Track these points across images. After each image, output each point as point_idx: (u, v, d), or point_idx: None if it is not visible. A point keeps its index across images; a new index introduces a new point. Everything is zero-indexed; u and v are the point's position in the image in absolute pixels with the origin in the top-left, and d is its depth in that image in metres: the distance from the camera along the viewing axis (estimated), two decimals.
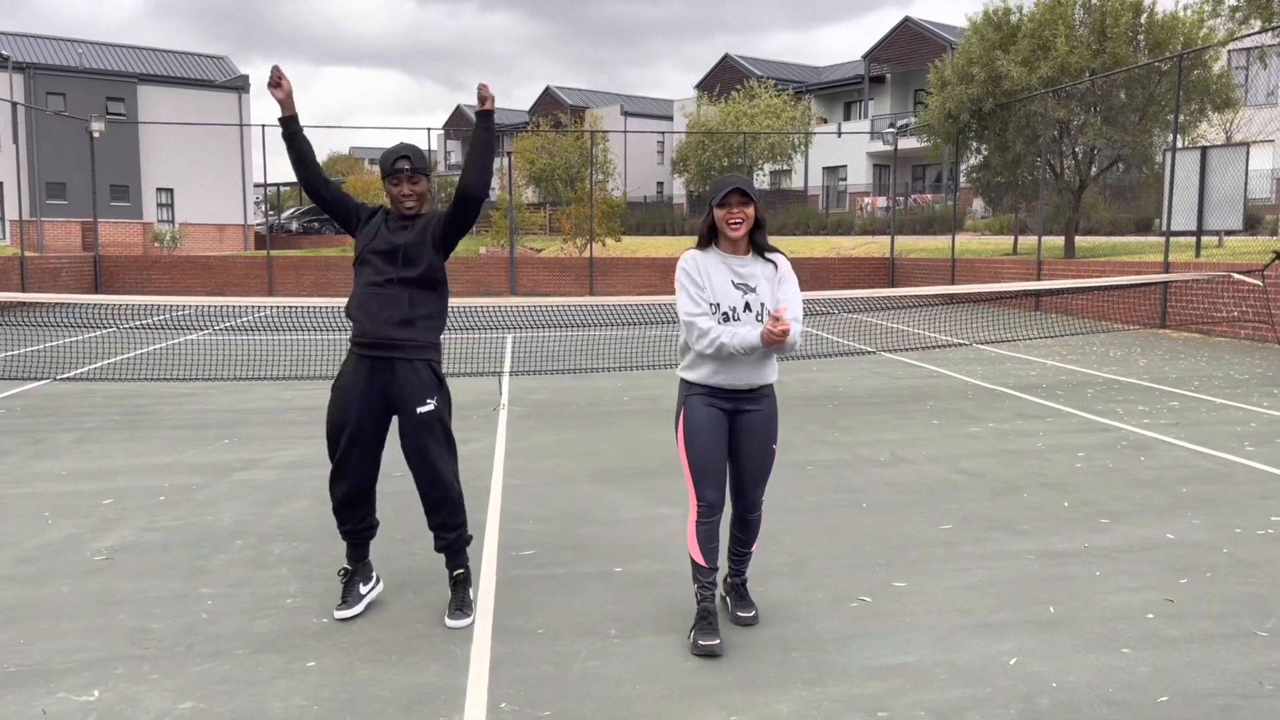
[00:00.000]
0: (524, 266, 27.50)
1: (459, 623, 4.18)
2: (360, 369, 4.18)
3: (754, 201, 3.97)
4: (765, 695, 3.58)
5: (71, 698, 3.52)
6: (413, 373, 4.18)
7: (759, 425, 4.11)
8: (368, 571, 4.41)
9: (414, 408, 4.17)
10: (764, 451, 4.13)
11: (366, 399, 4.16)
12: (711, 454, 4.03)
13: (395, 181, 4.18)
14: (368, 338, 4.14)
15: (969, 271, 23.73)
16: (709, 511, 4.06)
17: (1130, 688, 3.65)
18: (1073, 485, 6.57)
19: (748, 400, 4.08)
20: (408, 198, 4.19)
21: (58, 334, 16.07)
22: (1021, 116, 22.38)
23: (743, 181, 3.95)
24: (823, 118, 51.13)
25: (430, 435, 4.21)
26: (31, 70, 40.39)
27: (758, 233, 4.05)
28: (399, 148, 4.22)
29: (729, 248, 4.04)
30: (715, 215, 3.99)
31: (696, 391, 4.08)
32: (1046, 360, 13.10)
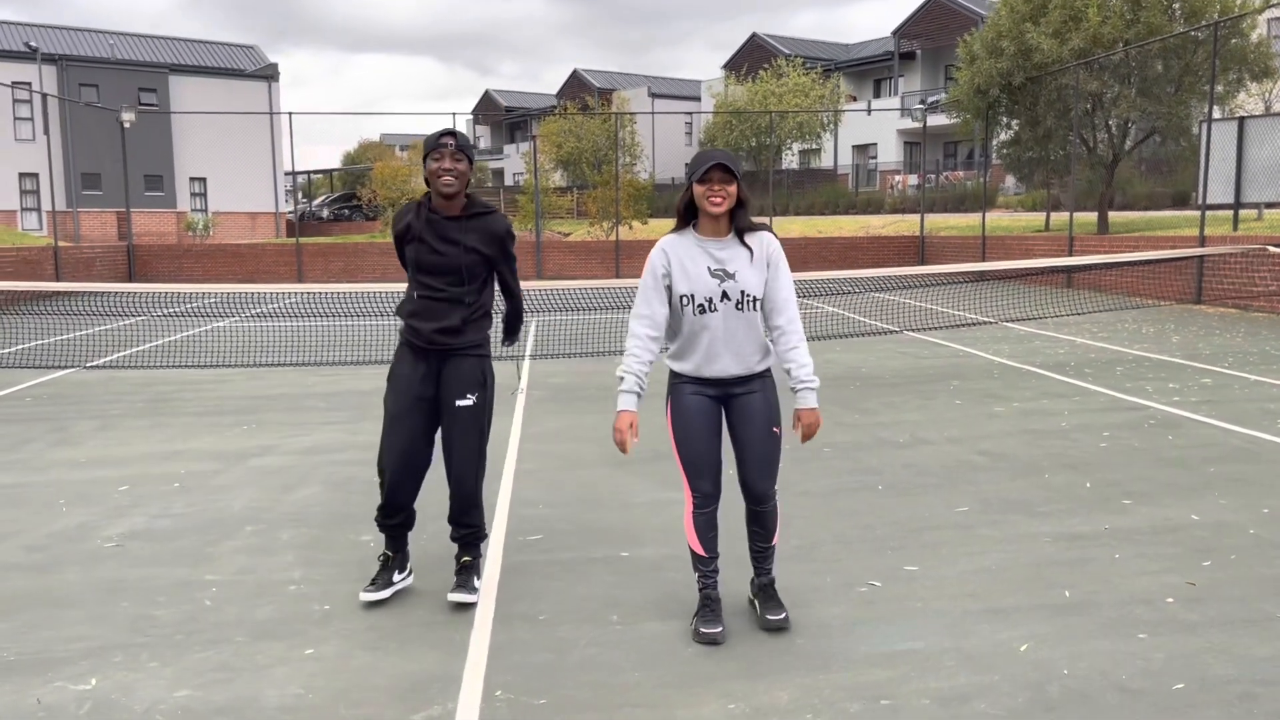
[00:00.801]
0: (550, 250, 27.46)
1: (463, 597, 4.13)
2: (415, 361, 4.20)
3: (737, 179, 3.76)
4: (765, 683, 3.50)
5: (68, 686, 3.51)
6: (460, 367, 4.18)
7: (757, 408, 3.91)
8: (404, 560, 4.38)
9: (454, 401, 4.15)
10: (766, 437, 3.92)
11: (414, 389, 4.17)
12: (704, 444, 3.89)
13: (438, 156, 4.05)
14: (421, 340, 4.16)
15: (1000, 249, 23.39)
16: (705, 502, 3.94)
17: (1145, 675, 3.54)
18: (1096, 465, 6.42)
19: (738, 384, 3.91)
20: (448, 173, 4.05)
21: (88, 322, 16.24)
22: (1052, 90, 21.96)
23: (726, 156, 3.75)
24: (852, 95, 50.57)
25: (464, 431, 4.18)
26: (64, 62, 40.80)
27: (740, 213, 3.84)
28: (445, 129, 4.18)
29: (709, 228, 3.83)
30: (695, 191, 3.78)
31: (683, 380, 3.94)
32: (1076, 338, 12.86)
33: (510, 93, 70.53)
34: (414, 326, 4.17)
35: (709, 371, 3.86)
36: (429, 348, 4.16)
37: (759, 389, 3.93)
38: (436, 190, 4.11)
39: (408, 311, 4.21)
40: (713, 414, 3.92)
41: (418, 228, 4.15)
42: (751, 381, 3.92)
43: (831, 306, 17.72)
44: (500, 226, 4.23)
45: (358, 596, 4.27)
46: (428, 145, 4.09)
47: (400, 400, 4.17)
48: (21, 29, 42.03)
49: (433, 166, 4.07)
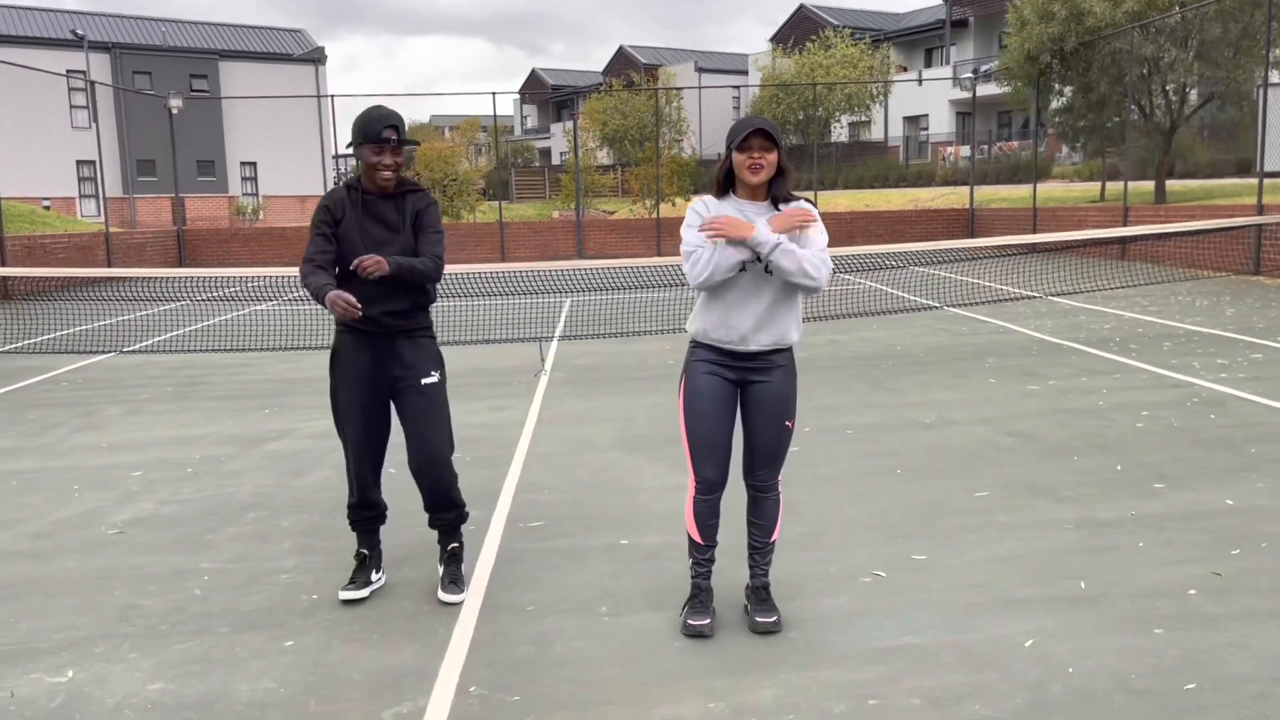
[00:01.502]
0: (592, 229, 27.32)
1: (453, 597, 4.04)
2: (361, 345, 4.00)
3: (778, 146, 3.61)
4: (749, 680, 3.36)
5: (44, 679, 3.48)
6: (419, 346, 4.05)
7: (770, 399, 3.73)
8: (378, 559, 4.28)
9: (419, 380, 4.01)
10: (775, 429, 3.75)
11: (370, 377, 4.00)
12: (713, 428, 3.73)
13: (378, 150, 3.88)
14: (369, 325, 3.95)
15: (1051, 221, 22.77)
16: (708, 489, 3.79)
17: (1156, 673, 3.33)
18: (1130, 447, 6.15)
19: (756, 370, 3.72)
20: (387, 168, 3.90)
21: (130, 308, 16.48)
22: (1106, 55, 21.24)
23: (766, 123, 3.58)
24: (902, 66, 49.55)
25: (433, 409, 4.05)
26: (117, 50, 41.45)
27: (779, 182, 3.68)
28: (385, 115, 3.92)
29: (747, 195, 3.69)
30: (734, 159, 3.63)
31: (700, 357, 3.78)
32: (1124, 312, 12.44)
33: (557, 71, 70.32)
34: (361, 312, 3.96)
35: (725, 336, 3.67)
36: (378, 331, 3.98)
37: (777, 378, 3.74)
38: (373, 183, 3.95)
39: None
40: (727, 397, 3.75)
41: (352, 211, 3.96)
42: (772, 369, 3.73)
43: (873, 282, 17.37)
44: (428, 200, 4.08)
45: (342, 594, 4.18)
46: (367, 133, 3.86)
47: (354, 390, 4.02)
48: (74, 17, 42.77)
49: (372, 160, 3.89)
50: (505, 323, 12.71)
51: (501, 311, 13.63)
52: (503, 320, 12.91)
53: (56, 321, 14.77)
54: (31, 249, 19.99)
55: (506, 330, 12.12)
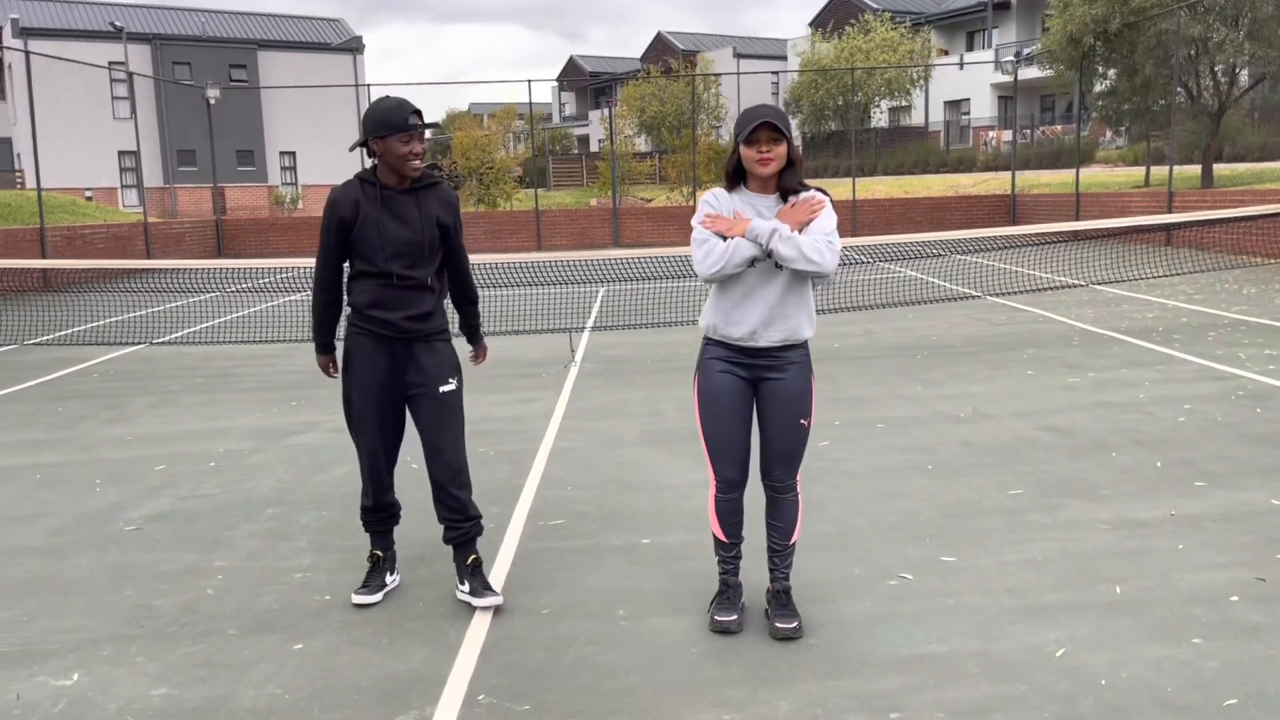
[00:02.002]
0: (629, 217, 27.18)
1: (490, 601, 3.89)
2: (378, 350, 3.87)
3: (786, 138, 3.50)
4: (767, 690, 3.24)
5: (49, 681, 3.44)
6: (437, 352, 3.92)
7: (784, 397, 3.62)
8: (393, 561, 4.18)
9: (437, 387, 3.88)
10: (790, 427, 3.63)
11: (385, 381, 3.88)
12: (729, 428, 3.64)
13: (406, 139, 3.73)
14: (389, 329, 3.85)
15: (1095, 206, 22.29)
16: (728, 488, 3.71)
17: (1194, 687, 3.16)
18: (1171, 442, 5.94)
19: (770, 367, 3.61)
20: (418, 156, 3.78)
21: (165, 299, 16.62)
22: (1151, 36, 20.71)
23: (774, 114, 3.46)
24: (943, 49, 48.82)
25: (450, 417, 3.92)
26: (158, 41, 41.89)
27: (789, 173, 3.57)
28: (403, 100, 3.79)
29: (757, 188, 3.59)
30: (742, 153, 3.53)
31: (713, 354, 3.68)
32: (1169, 300, 12.11)
33: (595, 58, 70.13)
34: (377, 316, 3.83)
35: (734, 331, 3.57)
36: (397, 336, 3.85)
37: (791, 374, 3.63)
38: (402, 173, 3.80)
39: (368, 301, 3.85)
40: (742, 396, 3.65)
41: (370, 208, 3.81)
42: (786, 366, 3.62)
43: (912, 270, 17.09)
44: (453, 195, 3.98)
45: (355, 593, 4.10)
46: (391, 124, 3.70)
47: (369, 395, 3.89)
48: (115, 9, 43.22)
49: (403, 150, 3.73)
50: (538, 313, 12.63)
51: (534, 301, 13.55)
52: (535, 310, 12.82)
53: (91, 312, 14.92)
54: (71, 239, 20.24)
55: (538, 320, 12.03)
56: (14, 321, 13.88)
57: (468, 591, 3.96)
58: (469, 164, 33.01)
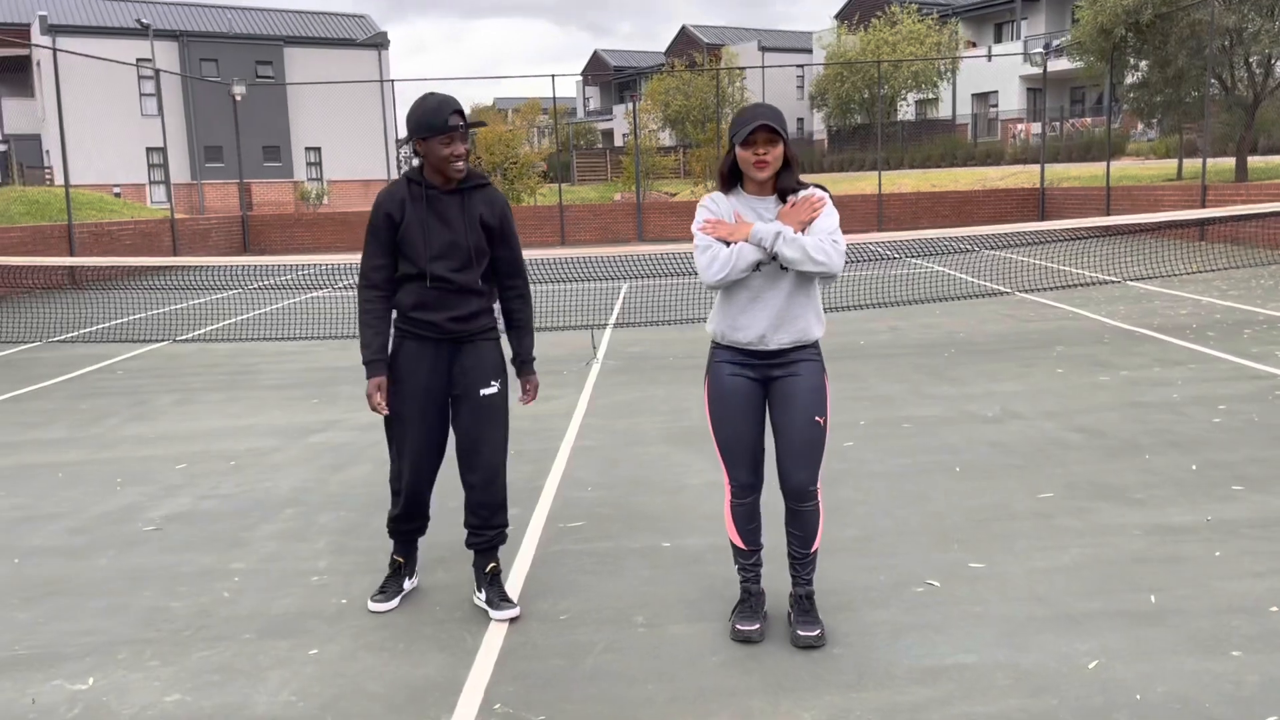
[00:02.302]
0: (653, 211, 27.09)
1: (508, 613, 3.82)
2: (422, 353, 3.78)
3: (783, 138, 3.40)
4: (789, 701, 3.16)
5: (65, 686, 3.41)
6: (480, 353, 3.82)
7: (796, 394, 3.53)
8: (413, 565, 4.11)
9: (478, 390, 3.80)
10: (805, 426, 3.53)
11: (430, 385, 3.79)
12: (740, 431, 3.57)
13: (448, 140, 3.62)
14: (434, 331, 3.76)
15: (1126, 200, 21.98)
16: (743, 492, 3.64)
17: (1232, 701, 3.05)
18: (1206, 444, 5.80)
19: (780, 365, 3.53)
20: (460, 158, 3.67)
21: (190, 295, 16.70)
22: (1184, 26, 20.37)
23: (770, 115, 3.37)
24: (971, 41, 48.34)
25: (491, 421, 3.83)
26: (185, 38, 42.13)
27: (786, 173, 3.48)
28: (447, 99, 3.62)
29: (755, 190, 3.51)
30: (738, 155, 3.43)
31: (722, 358, 3.61)
32: (1202, 296, 11.89)
33: (620, 52, 69.99)
34: (420, 318, 3.74)
35: (743, 337, 3.51)
36: (441, 337, 3.76)
37: (803, 372, 3.54)
38: (445, 174, 3.69)
39: (411, 303, 3.74)
40: (753, 397, 3.57)
41: (415, 209, 3.71)
42: (795, 363, 3.54)
43: (939, 266, 16.92)
44: (501, 197, 3.87)
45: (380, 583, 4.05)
46: (433, 126, 3.59)
47: (412, 400, 3.78)
48: (143, 6, 43.52)
49: (444, 152, 3.62)
50: (560, 309, 12.58)
51: (557, 298, 13.50)
52: (558, 306, 12.77)
53: (117, 309, 15.01)
54: (99, 236, 20.39)
55: (561, 317, 11.98)
56: (40, 318, 13.98)
57: (484, 600, 3.90)
58: (493, 159, 33.02)
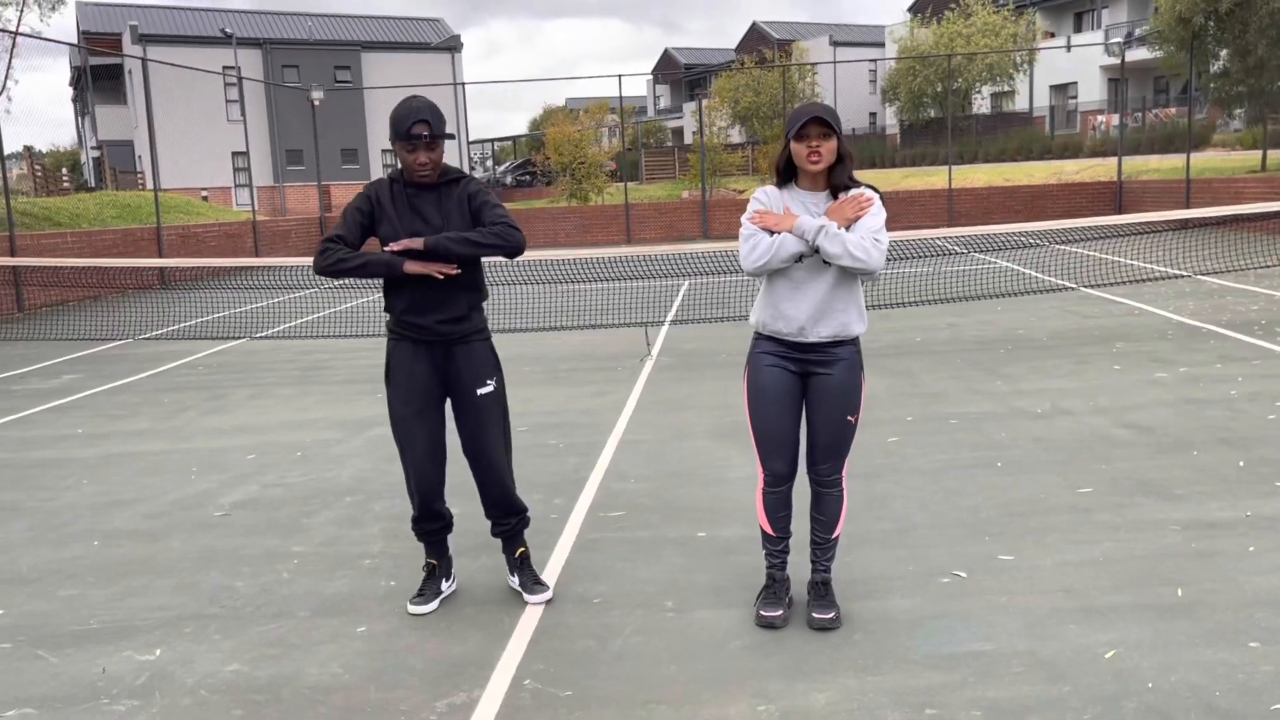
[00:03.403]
0: (719, 209, 27.16)
1: (541, 596, 4.02)
2: (418, 354, 3.94)
3: (836, 133, 3.53)
4: (805, 683, 3.29)
5: (134, 656, 3.69)
6: (472, 354, 3.96)
7: (831, 393, 3.65)
8: (449, 566, 4.21)
9: (474, 390, 3.95)
10: (837, 423, 3.67)
11: (427, 386, 3.95)
12: (777, 422, 3.70)
13: (411, 148, 3.75)
14: (424, 334, 3.91)
15: (1206, 192, 21.41)
16: (776, 481, 3.77)
17: (1243, 691, 3.10)
18: (1258, 441, 5.74)
19: (818, 362, 3.66)
20: (424, 167, 3.81)
21: (269, 294, 17.29)
22: (1265, 15, 19.77)
23: (824, 110, 3.50)
24: (1049, 32, 47.34)
25: (489, 420, 3.99)
26: (268, 45, 43.41)
27: (839, 169, 3.61)
28: (416, 108, 3.75)
29: (808, 184, 3.64)
30: (792, 149, 3.57)
31: (763, 349, 3.75)
32: (1276, 292, 11.60)
33: (690, 50, 70.03)
34: (412, 321, 3.90)
35: (784, 327, 3.64)
36: (434, 339, 3.91)
37: (839, 371, 3.66)
38: (412, 178, 3.85)
39: (402, 307, 3.88)
40: (791, 390, 3.71)
41: (390, 205, 3.86)
42: (834, 362, 3.66)
43: (1006, 261, 16.72)
44: (475, 184, 3.95)
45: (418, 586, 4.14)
46: (396, 133, 3.74)
47: (411, 401, 3.95)
48: (229, 16, 44.92)
49: (407, 159, 3.79)
50: (620, 307, 12.78)
51: (618, 295, 13.70)
52: (618, 304, 12.97)
53: (201, 308, 15.63)
54: (186, 238, 21.20)
55: (621, 315, 12.18)
56: (130, 316, 14.64)
57: (518, 584, 4.09)
58: (561, 160, 33.38)
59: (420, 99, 3.83)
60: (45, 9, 21.86)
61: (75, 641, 3.85)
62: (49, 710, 3.33)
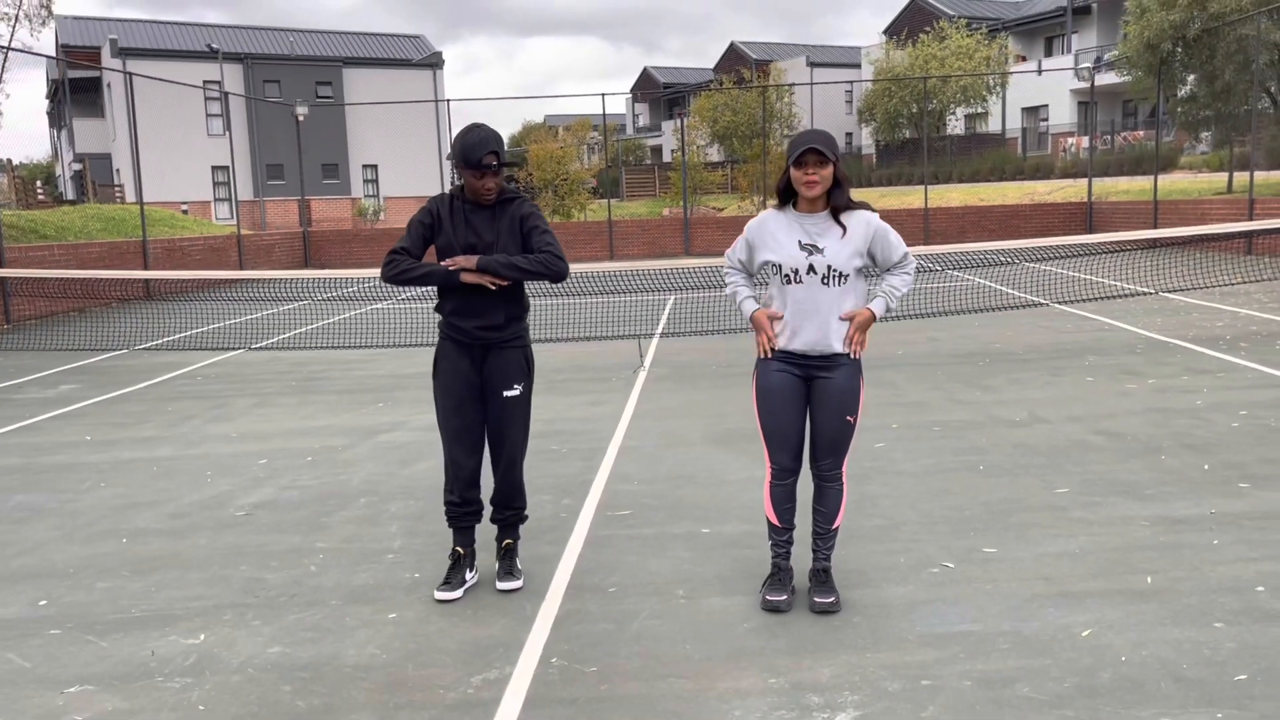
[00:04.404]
0: (700, 226, 27.56)
1: (511, 585, 4.34)
2: (460, 354, 4.31)
3: (833, 160, 3.86)
4: (810, 660, 3.58)
5: (180, 640, 3.94)
6: (505, 358, 4.31)
7: (832, 394, 3.98)
8: (472, 558, 4.48)
9: (502, 391, 4.31)
10: (838, 422, 3.99)
11: (467, 383, 4.31)
12: (783, 420, 4.02)
13: (480, 175, 4.15)
14: (465, 336, 4.28)
15: (1173, 213, 22.01)
16: (782, 475, 4.08)
17: (1208, 664, 3.42)
18: (1221, 447, 6.11)
19: (821, 367, 3.99)
20: (490, 192, 4.20)
21: (259, 307, 17.47)
22: (1231, 41, 20.43)
23: (821, 139, 3.83)
24: (1021, 55, 48.26)
25: (511, 420, 4.35)
26: (250, 60, 43.55)
27: (836, 192, 3.94)
28: (485, 138, 4.11)
29: (806, 207, 3.97)
30: (792, 175, 3.90)
31: (772, 355, 4.07)
32: (1241, 309, 12.06)
33: (669, 69, 70.71)
34: (456, 324, 4.27)
35: (795, 344, 3.97)
36: (474, 343, 4.28)
37: (841, 375, 3.98)
38: (477, 200, 4.23)
39: (449, 309, 4.29)
40: (796, 391, 4.03)
41: (450, 220, 4.25)
42: (836, 367, 3.98)
43: (982, 279, 17.16)
44: (528, 205, 4.34)
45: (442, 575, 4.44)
46: (469, 159, 4.10)
47: (453, 395, 4.32)
48: (211, 30, 45.04)
49: (475, 184, 4.15)
50: (610, 320, 13.08)
51: (607, 309, 14.00)
52: (608, 317, 13.28)
53: (193, 320, 15.79)
54: (171, 251, 21.32)
55: (610, 327, 12.47)
56: (121, 328, 14.78)
57: (496, 571, 4.43)
58: (543, 176, 33.72)
59: (486, 128, 4.18)
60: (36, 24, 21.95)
61: (120, 628, 4.09)
62: (107, 687, 3.58)
